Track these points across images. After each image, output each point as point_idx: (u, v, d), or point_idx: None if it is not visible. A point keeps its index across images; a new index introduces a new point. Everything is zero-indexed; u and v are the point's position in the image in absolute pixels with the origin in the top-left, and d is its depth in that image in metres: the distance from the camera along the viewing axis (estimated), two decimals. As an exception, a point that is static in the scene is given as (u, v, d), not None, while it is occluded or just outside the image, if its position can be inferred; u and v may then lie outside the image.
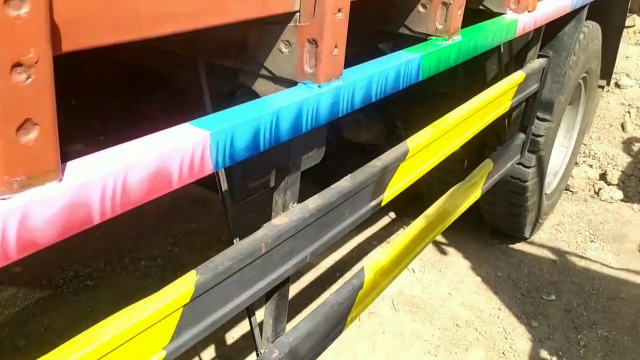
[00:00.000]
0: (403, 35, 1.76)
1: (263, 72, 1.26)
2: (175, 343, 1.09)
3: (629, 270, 3.79)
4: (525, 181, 3.44)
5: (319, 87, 1.19)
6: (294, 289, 3.36)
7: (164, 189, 0.90)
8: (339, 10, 1.15)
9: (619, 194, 4.65)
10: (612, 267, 3.82)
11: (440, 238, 4.03)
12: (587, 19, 3.66)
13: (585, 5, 3.04)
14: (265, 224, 1.30)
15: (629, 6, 4.24)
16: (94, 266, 3.39)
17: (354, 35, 1.89)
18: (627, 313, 3.37)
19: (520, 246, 4.01)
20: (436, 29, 1.68)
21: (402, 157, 1.73)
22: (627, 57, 5.81)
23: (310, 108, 1.16)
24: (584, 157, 5.15)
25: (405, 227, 4.09)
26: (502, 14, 2.19)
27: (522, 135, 3.01)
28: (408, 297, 3.43)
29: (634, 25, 6.13)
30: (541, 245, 4.04)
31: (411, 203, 3.27)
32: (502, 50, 2.83)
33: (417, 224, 2.10)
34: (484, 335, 3.20)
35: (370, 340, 3.12)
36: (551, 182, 4.11)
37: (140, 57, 1.53)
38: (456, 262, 3.81)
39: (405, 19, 1.72)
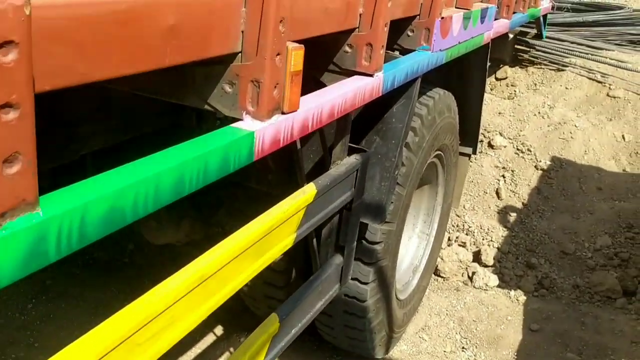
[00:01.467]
0: None
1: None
2: None
3: (503, 396, 3.04)
4: (364, 300, 2.62)
5: None
6: None
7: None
8: None
9: (494, 280, 3.98)
10: (484, 391, 3.06)
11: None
12: (437, 86, 2.97)
13: (416, 79, 2.28)
14: None
15: (487, 65, 3.64)
16: None
17: None
18: None
19: (374, 367, 3.17)
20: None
21: None
22: (499, 113, 5.30)
23: None
24: (458, 231, 4.48)
25: (232, 349, 3.15)
26: (239, 119, 1.33)
27: (338, 259, 2.17)
28: None
29: (506, 78, 5.68)
30: (400, 364, 3.23)
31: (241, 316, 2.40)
32: (298, 147, 1.99)
33: None
34: None
35: None
36: (409, 281, 3.33)
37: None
38: (289, 403, 2.89)
39: None
